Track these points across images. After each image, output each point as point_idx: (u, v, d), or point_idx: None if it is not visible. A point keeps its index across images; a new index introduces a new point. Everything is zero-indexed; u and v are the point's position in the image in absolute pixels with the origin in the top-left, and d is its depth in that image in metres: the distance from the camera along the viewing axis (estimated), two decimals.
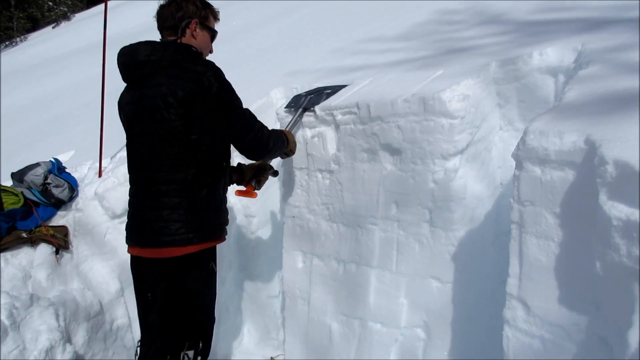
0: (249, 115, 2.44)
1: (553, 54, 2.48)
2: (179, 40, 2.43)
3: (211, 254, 2.41)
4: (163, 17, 2.46)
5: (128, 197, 2.44)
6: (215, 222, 2.38)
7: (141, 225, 2.33)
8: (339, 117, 2.73)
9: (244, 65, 2.61)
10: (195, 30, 2.45)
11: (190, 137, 2.24)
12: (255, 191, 2.71)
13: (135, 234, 2.37)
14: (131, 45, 2.37)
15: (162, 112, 2.22)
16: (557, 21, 3.00)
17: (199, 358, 2.35)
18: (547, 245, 1.70)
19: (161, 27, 2.48)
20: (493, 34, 3.24)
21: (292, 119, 2.90)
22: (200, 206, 2.30)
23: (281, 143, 2.66)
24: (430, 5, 4.77)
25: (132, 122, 2.37)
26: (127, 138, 2.44)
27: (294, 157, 2.99)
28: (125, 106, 2.40)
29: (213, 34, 2.57)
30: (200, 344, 2.36)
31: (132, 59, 2.33)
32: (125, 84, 2.46)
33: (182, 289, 2.32)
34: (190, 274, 2.33)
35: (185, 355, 2.30)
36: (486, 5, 4.03)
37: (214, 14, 2.56)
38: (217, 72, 2.29)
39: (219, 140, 2.37)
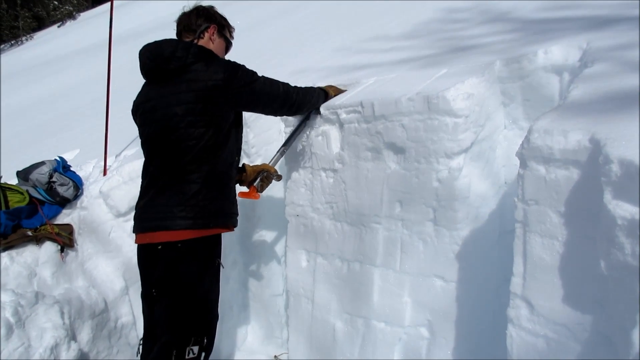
0: (269, 88, 2.53)
1: (558, 52, 2.47)
2: (195, 42, 2.54)
3: (218, 248, 2.47)
4: (184, 22, 2.60)
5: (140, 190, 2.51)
6: (230, 210, 2.49)
7: (156, 212, 2.37)
8: (343, 115, 2.73)
9: (247, 64, 2.61)
10: (213, 35, 2.61)
11: (211, 130, 2.35)
12: (258, 193, 2.73)
13: (150, 221, 2.39)
14: (156, 41, 2.47)
15: (188, 106, 2.32)
16: (562, 19, 2.99)
17: (203, 354, 2.37)
18: (551, 244, 1.70)
19: (180, 32, 2.60)
20: (498, 33, 3.23)
21: (292, 132, 2.95)
22: (217, 195, 2.40)
23: (314, 99, 2.81)
24: (435, 4, 4.75)
25: (152, 118, 2.43)
26: (144, 134, 2.50)
27: (298, 156, 2.99)
28: (145, 103, 2.48)
29: (228, 44, 2.71)
30: (205, 340, 2.38)
31: (158, 54, 2.40)
32: (143, 82, 2.56)
33: (188, 281, 2.36)
34: (196, 263, 2.37)
35: (190, 351, 2.32)
36: (491, 3, 4.02)
37: (229, 29, 2.72)
38: (231, 65, 2.42)
39: (236, 133, 2.51)
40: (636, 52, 2.06)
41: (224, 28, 2.66)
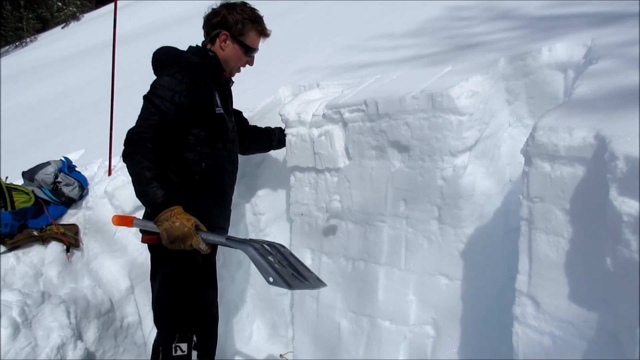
0: (142, 115, 2.28)
1: (562, 49, 2.47)
2: (208, 46, 2.58)
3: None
4: (204, 23, 2.61)
5: None
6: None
7: None
8: (347, 114, 2.73)
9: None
10: (225, 42, 2.56)
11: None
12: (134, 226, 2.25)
13: None
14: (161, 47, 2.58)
15: None
16: (567, 16, 2.98)
17: (196, 353, 2.36)
18: (556, 241, 1.69)
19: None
20: (503, 30, 3.23)
21: (216, 238, 2.17)
22: None
23: (134, 180, 2.20)
24: (439, 2, 4.75)
25: None
26: None
27: (300, 155, 2.97)
28: None
29: (247, 49, 2.60)
30: (195, 338, 2.36)
31: (152, 59, 2.54)
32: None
33: (161, 278, 2.40)
34: (162, 263, 2.40)
35: (178, 348, 2.30)
36: (495, 1, 4.01)
37: (258, 31, 2.61)
38: (168, 70, 2.35)
39: (186, 137, 2.39)
40: None
41: (242, 34, 2.55)
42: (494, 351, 2.37)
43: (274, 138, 3.11)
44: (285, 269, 2.04)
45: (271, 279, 1.94)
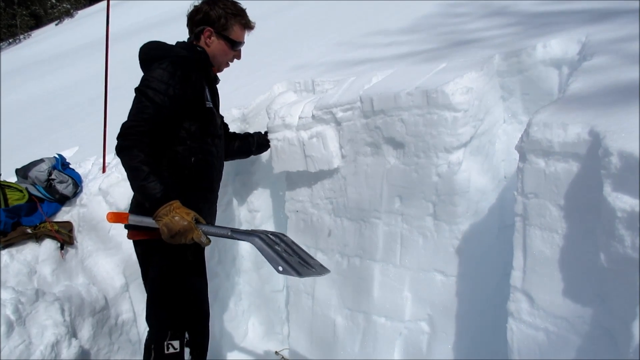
0: (136, 109, 2.25)
1: (557, 46, 2.47)
2: (195, 43, 2.54)
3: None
4: (187, 18, 2.56)
5: None
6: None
7: None
8: (340, 114, 2.70)
9: (247, 59, 2.61)
10: (210, 39, 2.53)
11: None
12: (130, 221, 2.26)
13: None
14: (148, 42, 2.54)
15: None
16: (562, 13, 2.99)
17: (188, 350, 2.36)
18: (551, 237, 1.70)
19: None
20: (497, 27, 3.23)
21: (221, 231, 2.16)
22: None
23: (131, 174, 2.16)
24: None
25: None
26: None
27: (289, 160, 2.92)
28: None
29: (233, 44, 2.56)
30: (187, 335, 2.36)
31: (139, 54, 2.49)
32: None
33: (151, 276, 2.40)
34: (152, 260, 2.40)
35: (170, 345, 2.30)
36: None
37: (242, 24, 2.56)
38: (158, 63, 2.32)
39: (172, 131, 2.36)
40: (635, 44, 2.06)
41: (225, 28, 2.51)
42: (489, 347, 2.37)
43: (252, 142, 3.02)
44: (292, 257, 2.06)
45: (280, 268, 1.96)
